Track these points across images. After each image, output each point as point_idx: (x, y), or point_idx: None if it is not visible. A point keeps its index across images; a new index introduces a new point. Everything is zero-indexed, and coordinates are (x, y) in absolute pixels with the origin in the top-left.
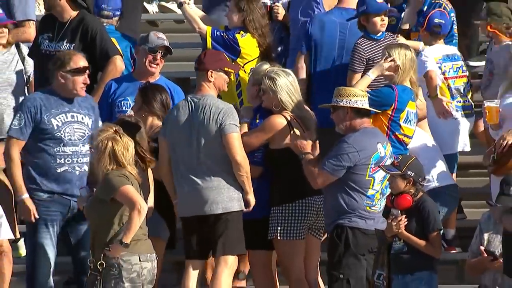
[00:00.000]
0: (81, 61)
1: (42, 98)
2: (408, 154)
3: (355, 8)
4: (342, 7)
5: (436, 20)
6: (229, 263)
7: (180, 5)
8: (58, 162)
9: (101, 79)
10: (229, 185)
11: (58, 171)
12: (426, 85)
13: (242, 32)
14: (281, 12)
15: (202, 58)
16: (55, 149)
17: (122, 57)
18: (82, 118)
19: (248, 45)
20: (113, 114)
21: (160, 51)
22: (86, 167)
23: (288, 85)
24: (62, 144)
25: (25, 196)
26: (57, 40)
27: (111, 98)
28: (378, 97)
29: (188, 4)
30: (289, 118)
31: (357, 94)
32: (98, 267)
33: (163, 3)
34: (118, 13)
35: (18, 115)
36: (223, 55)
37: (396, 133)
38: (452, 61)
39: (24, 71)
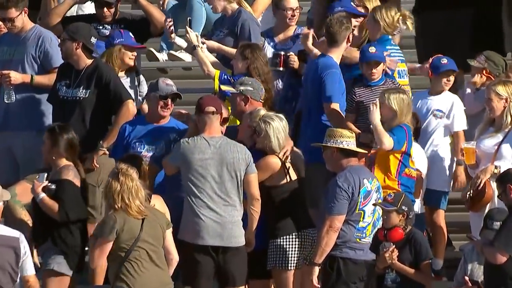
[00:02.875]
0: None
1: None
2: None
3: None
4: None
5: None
6: None
7: (194, 48)
8: None
9: (115, 122)
10: (240, 221)
11: None
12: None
13: (246, 77)
14: (296, 61)
15: (217, 102)
16: None
17: (134, 101)
18: None
19: None
20: None
21: (170, 97)
22: None
23: (280, 129)
24: None
25: None
26: (74, 86)
27: (126, 140)
28: (397, 137)
29: (201, 48)
30: (282, 158)
31: (344, 135)
32: None
33: (172, 52)
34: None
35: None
36: None
37: (407, 168)
38: None
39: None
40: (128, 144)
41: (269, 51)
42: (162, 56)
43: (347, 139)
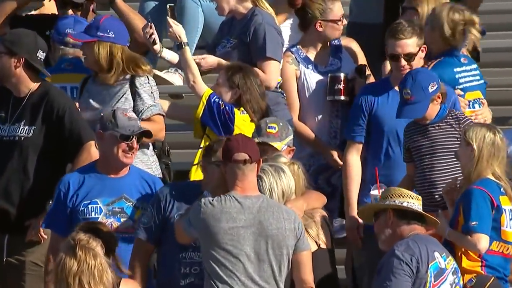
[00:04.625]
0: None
1: None
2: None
3: None
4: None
5: None
6: None
7: (180, 47)
8: None
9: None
10: None
11: None
12: None
13: (242, 108)
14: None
15: (252, 145)
16: None
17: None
18: None
19: (246, 127)
20: (74, 224)
21: (135, 137)
22: None
23: (275, 186)
24: None
25: None
26: (11, 121)
27: (72, 202)
28: (477, 215)
29: (186, 47)
30: None
31: (404, 195)
32: None
33: (156, 72)
34: None
35: None
36: None
37: (495, 241)
38: None
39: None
40: (75, 208)
41: (311, 76)
42: None
43: (409, 199)
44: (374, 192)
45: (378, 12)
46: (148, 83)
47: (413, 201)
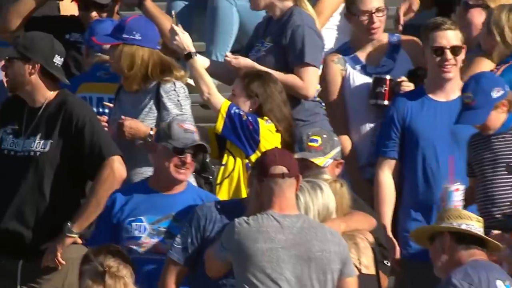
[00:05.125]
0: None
1: None
2: None
3: None
4: None
5: None
6: None
7: (189, 57)
8: None
9: (92, 191)
10: None
11: None
12: None
13: (266, 117)
14: (411, 88)
15: (290, 158)
16: None
17: (123, 159)
18: None
19: (273, 138)
20: (119, 241)
21: (191, 152)
22: None
23: (311, 205)
24: None
25: None
26: (26, 134)
27: (117, 219)
28: None
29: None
30: None
31: (463, 216)
32: None
33: (187, 79)
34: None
35: None
36: None
37: None
38: None
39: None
40: (120, 224)
41: (355, 77)
42: None
43: (468, 221)
44: (449, 185)
45: (430, 12)
46: (175, 90)
47: (473, 223)
